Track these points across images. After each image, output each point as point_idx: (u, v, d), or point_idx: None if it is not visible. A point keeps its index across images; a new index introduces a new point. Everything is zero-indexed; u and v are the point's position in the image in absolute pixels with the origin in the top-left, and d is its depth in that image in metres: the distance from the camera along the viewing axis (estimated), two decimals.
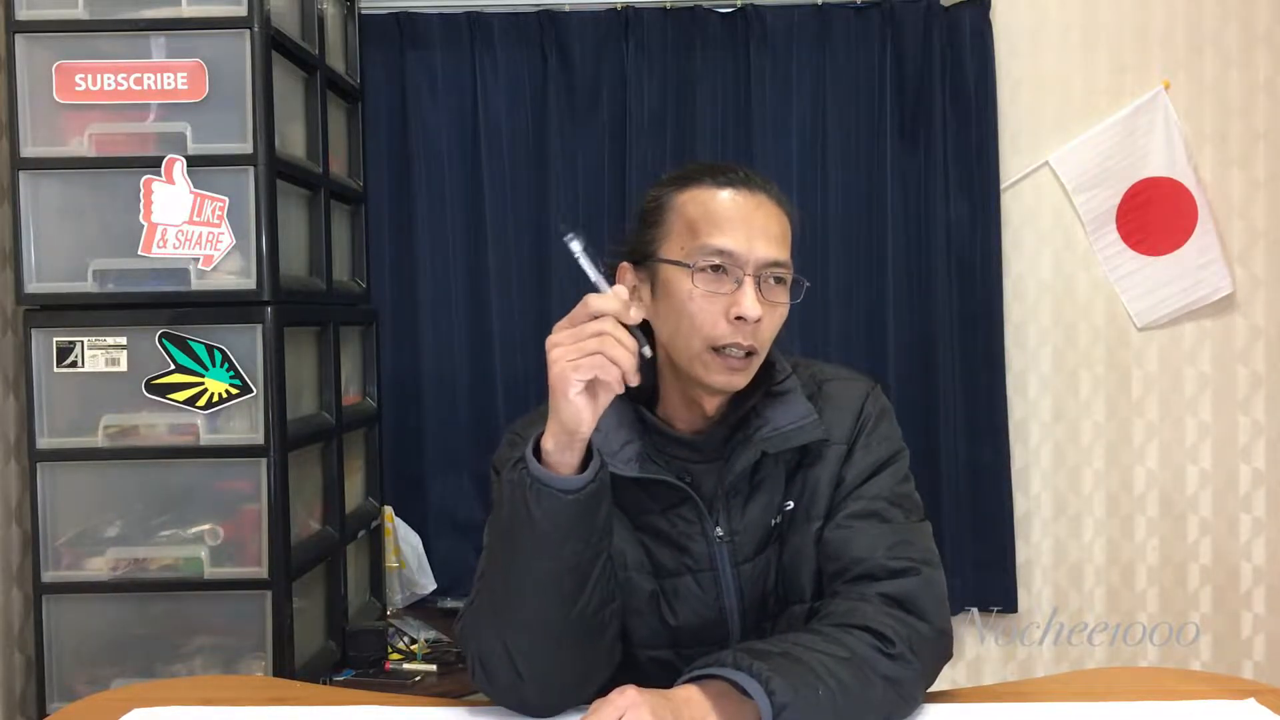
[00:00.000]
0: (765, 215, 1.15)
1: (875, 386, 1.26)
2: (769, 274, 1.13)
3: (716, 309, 1.11)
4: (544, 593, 1.05)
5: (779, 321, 1.16)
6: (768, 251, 1.13)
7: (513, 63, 2.56)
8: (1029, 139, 2.60)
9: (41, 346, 1.90)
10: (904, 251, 2.55)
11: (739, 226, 1.13)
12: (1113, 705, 1.11)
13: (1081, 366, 2.63)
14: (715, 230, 1.13)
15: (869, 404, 1.23)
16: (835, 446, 1.20)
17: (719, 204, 1.14)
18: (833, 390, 1.23)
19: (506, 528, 1.05)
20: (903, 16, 2.52)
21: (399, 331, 2.58)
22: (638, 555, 1.19)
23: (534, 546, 1.03)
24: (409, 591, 2.53)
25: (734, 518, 1.19)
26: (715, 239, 1.12)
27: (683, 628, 1.18)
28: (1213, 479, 2.63)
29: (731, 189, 1.15)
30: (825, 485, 1.19)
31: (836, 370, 1.27)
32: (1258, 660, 2.64)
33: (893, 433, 1.23)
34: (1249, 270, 2.61)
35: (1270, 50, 2.59)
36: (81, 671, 1.94)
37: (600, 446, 1.13)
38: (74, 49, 1.90)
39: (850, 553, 1.14)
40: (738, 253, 1.11)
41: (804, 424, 1.18)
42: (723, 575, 1.18)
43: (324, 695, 1.27)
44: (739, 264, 1.11)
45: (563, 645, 1.06)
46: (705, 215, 1.14)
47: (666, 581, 1.19)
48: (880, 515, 1.17)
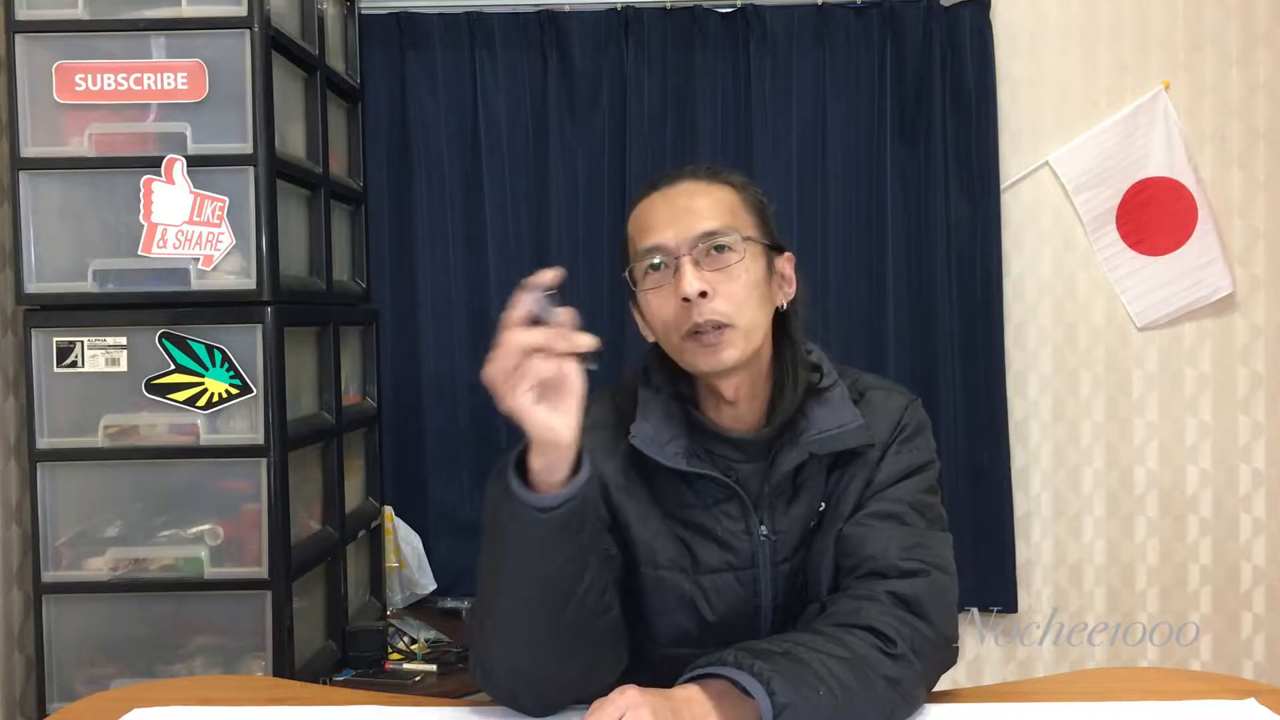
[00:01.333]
0: (690, 197, 1.17)
1: (916, 399, 1.28)
2: (705, 247, 1.14)
3: (670, 303, 1.14)
4: (522, 605, 1.02)
5: (743, 287, 1.15)
6: (693, 226, 1.14)
7: (513, 63, 2.56)
8: (1029, 139, 2.60)
9: (41, 346, 1.90)
10: (904, 251, 2.55)
11: (662, 219, 1.16)
12: (1113, 705, 1.11)
13: (1081, 366, 2.63)
14: (644, 233, 1.17)
15: (908, 414, 1.24)
16: (872, 452, 1.21)
17: (645, 209, 1.19)
18: (875, 398, 1.25)
19: (489, 536, 1.02)
20: (903, 16, 2.52)
21: (399, 331, 2.58)
22: (672, 553, 1.19)
23: (511, 559, 1.00)
24: (409, 591, 2.53)
25: (778, 518, 1.20)
26: (645, 240, 1.16)
27: (717, 624, 1.19)
28: (1213, 479, 2.63)
29: (657, 190, 1.20)
30: (855, 488, 1.20)
31: (880, 380, 1.29)
32: (1258, 660, 2.64)
33: (927, 445, 1.24)
34: (1249, 270, 2.61)
35: (1270, 50, 2.59)
36: (81, 671, 1.94)
37: (651, 436, 1.16)
38: (74, 49, 1.90)
39: (864, 550, 1.15)
40: (664, 243, 1.15)
41: (851, 428, 1.19)
42: (763, 574, 1.19)
43: (324, 695, 1.27)
44: (670, 252, 1.15)
45: (548, 655, 1.05)
46: (637, 226, 1.19)
47: (706, 578, 1.19)
48: (900, 518, 1.17)
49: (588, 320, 0.99)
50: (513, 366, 0.93)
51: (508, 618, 1.04)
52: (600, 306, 2.52)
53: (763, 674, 0.97)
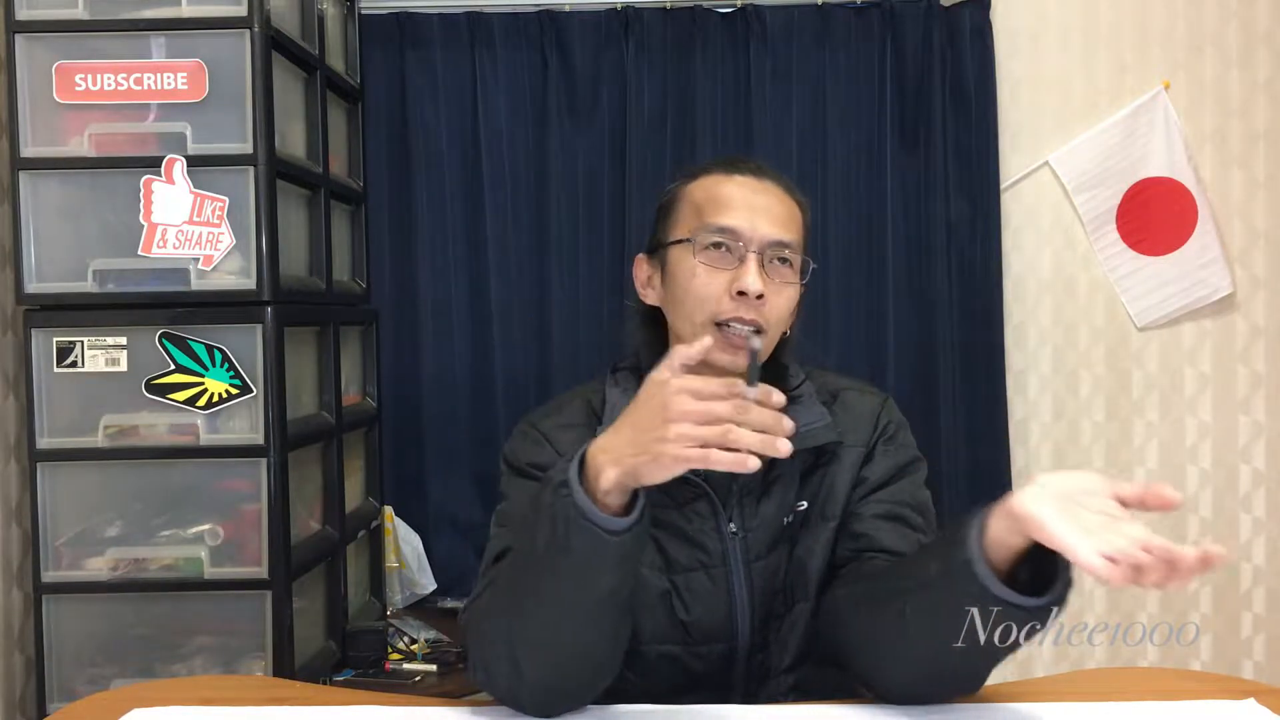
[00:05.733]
0: (771, 199, 1.18)
1: (889, 398, 1.30)
2: (773, 254, 1.16)
3: (719, 284, 1.14)
4: (570, 618, 1.01)
5: (786, 304, 1.17)
6: (771, 230, 1.16)
7: (513, 63, 2.56)
8: (1029, 139, 2.61)
9: (41, 346, 1.90)
10: (904, 251, 2.55)
11: (742, 207, 1.16)
12: (1113, 705, 1.11)
13: (1081, 366, 2.63)
14: (719, 211, 1.17)
15: (885, 413, 1.26)
16: (852, 449, 1.22)
17: (725, 187, 1.19)
18: (849, 399, 1.27)
19: (540, 549, 0.98)
20: (903, 16, 2.52)
21: (399, 331, 2.58)
22: (650, 551, 1.19)
23: (569, 575, 0.98)
24: (409, 591, 2.53)
25: (748, 516, 1.20)
26: (719, 218, 1.16)
27: (693, 623, 1.19)
28: (1213, 479, 2.63)
29: (739, 175, 1.20)
30: (842, 486, 1.21)
31: (851, 380, 1.31)
32: (1258, 660, 2.64)
33: (911, 442, 1.27)
34: (1249, 270, 2.61)
35: (1270, 50, 2.59)
36: (81, 671, 1.94)
37: None
38: (74, 49, 1.90)
39: (878, 545, 1.16)
40: (740, 230, 1.15)
41: (818, 426, 1.21)
42: (735, 572, 1.19)
43: (324, 695, 1.27)
44: (742, 241, 1.15)
45: (577, 662, 1.05)
46: (710, 198, 1.18)
47: (679, 577, 1.19)
48: (905, 520, 1.19)
49: (588, 320, 0.98)
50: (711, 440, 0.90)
51: (548, 629, 1.02)
52: (600, 307, 2.52)
53: None
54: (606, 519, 0.94)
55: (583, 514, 0.94)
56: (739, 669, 1.20)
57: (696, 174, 1.23)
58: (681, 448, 0.90)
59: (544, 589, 1.00)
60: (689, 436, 0.90)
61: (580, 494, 0.94)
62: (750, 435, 0.89)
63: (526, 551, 1.01)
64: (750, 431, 0.89)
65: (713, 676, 1.20)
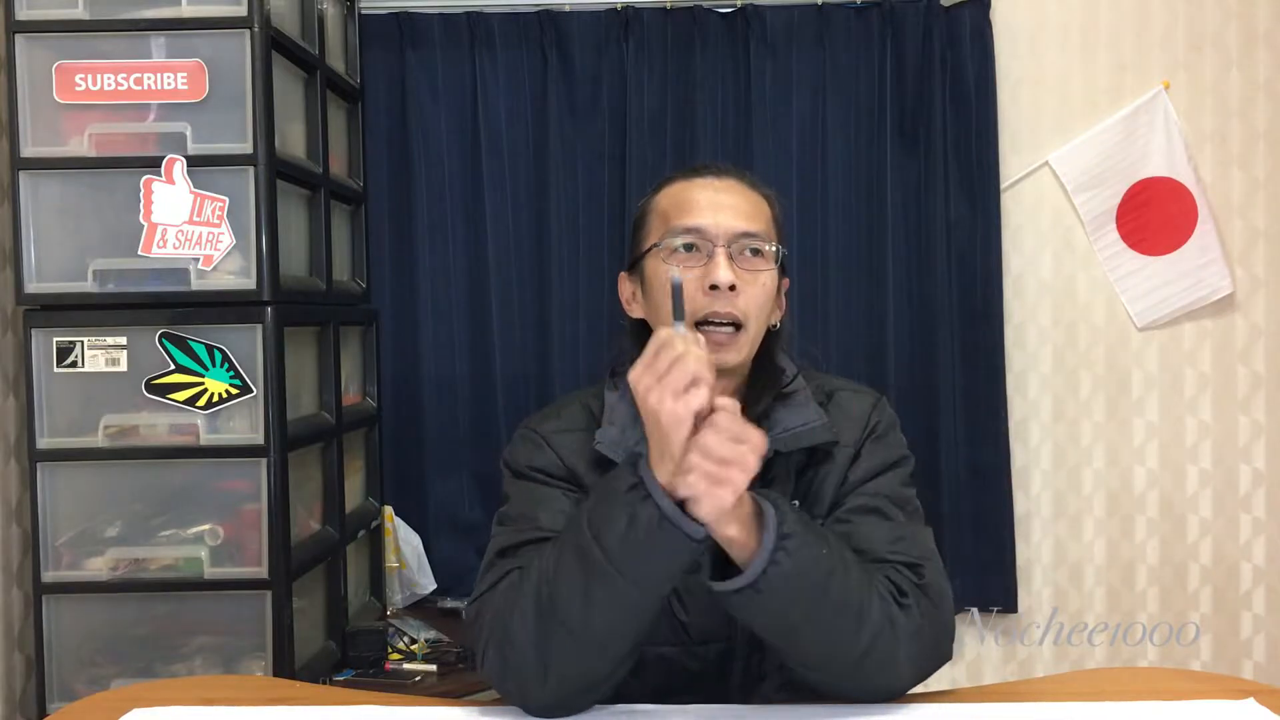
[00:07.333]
0: (734, 195, 1.22)
1: (883, 398, 1.31)
2: (742, 245, 1.19)
3: (692, 283, 1.16)
4: (634, 619, 1.04)
5: (762, 294, 1.19)
6: (735, 223, 1.19)
7: (513, 63, 2.56)
8: (1029, 139, 2.60)
9: (41, 346, 1.90)
10: (904, 251, 2.55)
11: (706, 206, 1.20)
12: (1113, 705, 1.11)
13: (1081, 366, 2.63)
14: (683, 213, 1.20)
15: (876, 413, 1.27)
16: (844, 449, 1.23)
17: (688, 191, 1.22)
18: (843, 399, 1.28)
19: (606, 551, 1.00)
20: (903, 16, 2.52)
21: (399, 331, 2.58)
22: None
23: (638, 576, 1.01)
24: (409, 591, 2.53)
25: None
26: (683, 219, 1.19)
27: (691, 623, 1.19)
28: (1213, 479, 2.63)
29: (700, 178, 1.23)
30: (830, 485, 1.21)
31: (846, 382, 1.32)
32: (1258, 660, 2.64)
33: (900, 441, 1.27)
34: (1249, 270, 2.61)
35: (1270, 50, 2.59)
36: (81, 671, 1.94)
37: (617, 440, 1.17)
38: (74, 49, 1.90)
39: (852, 543, 1.15)
40: (705, 227, 1.18)
41: (814, 425, 1.22)
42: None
43: (324, 695, 1.27)
44: (709, 238, 1.18)
45: (610, 662, 1.06)
46: (675, 204, 1.22)
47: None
48: (881, 511, 1.19)
49: (588, 320, 0.99)
50: (726, 479, 0.97)
51: (595, 626, 1.03)
52: (601, 306, 2.52)
53: (781, 506, 1.02)
54: (692, 526, 0.98)
55: (671, 520, 0.98)
56: (735, 669, 1.20)
57: (661, 185, 1.27)
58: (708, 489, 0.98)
59: (603, 587, 1.01)
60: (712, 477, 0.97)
61: (666, 501, 0.98)
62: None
63: (582, 548, 1.02)
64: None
65: (709, 676, 1.20)
